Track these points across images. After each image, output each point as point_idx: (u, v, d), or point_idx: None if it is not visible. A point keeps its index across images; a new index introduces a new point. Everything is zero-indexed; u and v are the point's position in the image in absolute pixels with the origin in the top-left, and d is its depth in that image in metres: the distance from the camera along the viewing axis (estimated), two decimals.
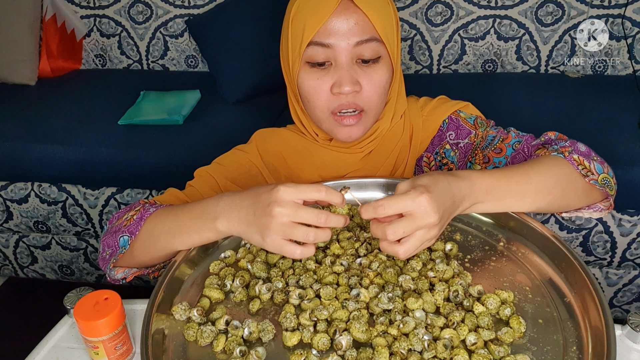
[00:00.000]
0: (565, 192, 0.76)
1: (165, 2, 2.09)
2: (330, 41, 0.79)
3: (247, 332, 0.63)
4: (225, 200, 0.69)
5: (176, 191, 0.90)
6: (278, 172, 0.95)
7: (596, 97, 1.73)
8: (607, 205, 0.80)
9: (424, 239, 0.63)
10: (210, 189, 0.90)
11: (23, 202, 1.80)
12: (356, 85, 0.80)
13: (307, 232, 0.62)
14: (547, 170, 0.75)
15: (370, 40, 0.79)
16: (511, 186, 0.72)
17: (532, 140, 0.87)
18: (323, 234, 0.63)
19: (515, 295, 0.67)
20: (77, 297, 0.69)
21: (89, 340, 0.64)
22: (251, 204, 0.65)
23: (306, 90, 0.84)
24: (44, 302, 1.95)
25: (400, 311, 0.64)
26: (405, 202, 0.61)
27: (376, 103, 0.84)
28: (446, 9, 1.93)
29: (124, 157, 1.65)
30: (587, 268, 0.66)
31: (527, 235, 0.76)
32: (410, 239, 0.62)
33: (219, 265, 0.75)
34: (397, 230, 0.61)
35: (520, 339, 0.61)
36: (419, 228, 0.61)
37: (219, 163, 0.95)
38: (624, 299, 1.66)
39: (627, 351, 0.65)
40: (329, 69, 0.81)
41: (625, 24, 1.81)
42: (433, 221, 0.61)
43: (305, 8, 0.80)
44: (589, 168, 0.77)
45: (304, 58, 0.82)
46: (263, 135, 0.99)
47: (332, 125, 0.85)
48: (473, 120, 0.94)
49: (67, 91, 2.07)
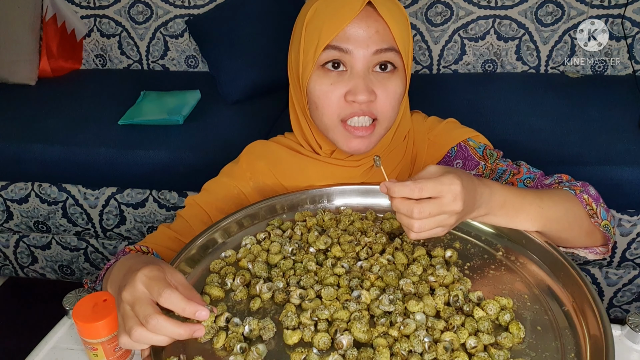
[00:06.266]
0: (571, 226, 0.78)
1: (165, 2, 2.09)
2: (349, 46, 0.77)
3: (248, 329, 0.63)
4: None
5: (166, 229, 0.89)
6: (270, 190, 0.92)
7: (596, 97, 1.73)
8: (604, 250, 0.83)
9: (440, 224, 0.64)
10: (200, 223, 0.89)
11: (23, 202, 1.80)
12: (371, 95, 0.78)
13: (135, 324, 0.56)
14: (559, 201, 0.77)
15: (389, 50, 0.78)
16: (524, 206, 0.73)
17: (543, 179, 0.87)
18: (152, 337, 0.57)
19: (514, 302, 0.67)
20: (76, 298, 0.69)
21: (88, 341, 0.64)
22: (122, 278, 0.63)
23: (317, 95, 0.81)
24: (44, 302, 1.95)
25: (401, 313, 0.64)
26: (442, 186, 0.62)
27: (390, 114, 0.82)
28: (446, 9, 1.92)
29: (124, 157, 1.65)
30: (585, 277, 0.66)
31: (526, 245, 0.76)
32: (429, 219, 0.63)
33: (220, 264, 0.75)
34: (424, 210, 0.62)
35: (519, 344, 0.61)
36: (443, 212, 0.63)
37: (208, 190, 0.93)
38: (624, 299, 1.66)
39: (626, 351, 0.65)
40: (344, 75, 0.79)
41: (625, 24, 1.81)
42: (457, 209, 0.63)
43: (324, 11, 0.78)
44: (595, 210, 0.79)
45: (319, 62, 0.79)
46: (253, 153, 0.96)
47: (341, 134, 0.82)
48: (482, 151, 0.92)
49: (67, 91, 2.07)
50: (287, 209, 0.87)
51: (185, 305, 0.56)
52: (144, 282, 0.57)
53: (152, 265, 0.60)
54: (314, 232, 0.79)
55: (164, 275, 0.59)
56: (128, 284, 0.58)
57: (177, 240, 0.88)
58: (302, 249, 0.77)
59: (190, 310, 0.56)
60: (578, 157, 1.45)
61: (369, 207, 0.86)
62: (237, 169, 0.94)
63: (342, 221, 0.82)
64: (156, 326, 0.55)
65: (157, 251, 0.85)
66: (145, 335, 0.56)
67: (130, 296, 0.57)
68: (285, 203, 0.87)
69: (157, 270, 0.59)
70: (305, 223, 0.82)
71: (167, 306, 0.56)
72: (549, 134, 1.55)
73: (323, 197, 0.88)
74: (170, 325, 0.56)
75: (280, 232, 0.81)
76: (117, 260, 0.75)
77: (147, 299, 0.57)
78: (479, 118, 1.59)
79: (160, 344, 0.57)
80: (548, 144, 1.50)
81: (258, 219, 0.85)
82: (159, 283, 0.57)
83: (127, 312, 0.57)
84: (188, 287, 0.60)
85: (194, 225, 0.89)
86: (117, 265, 0.68)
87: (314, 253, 0.76)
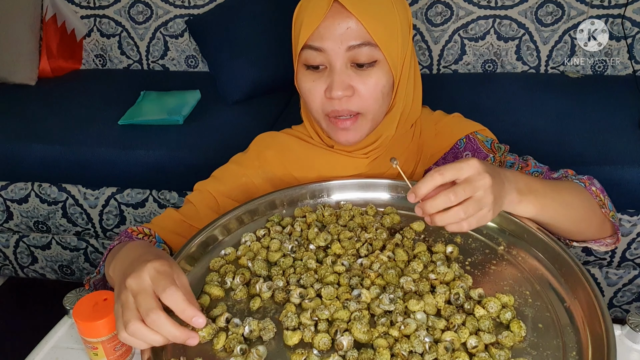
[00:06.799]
0: (588, 215, 0.79)
1: (165, 2, 2.10)
2: (323, 45, 0.79)
3: (248, 330, 0.63)
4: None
5: (173, 212, 0.91)
6: (279, 180, 0.94)
7: (596, 97, 1.73)
8: (612, 241, 0.84)
9: (481, 202, 0.63)
10: (208, 209, 0.91)
11: (23, 202, 1.80)
12: (347, 90, 0.80)
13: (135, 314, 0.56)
14: (574, 192, 0.79)
15: (363, 45, 0.79)
16: (547, 194, 0.74)
17: (550, 173, 0.89)
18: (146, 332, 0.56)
19: (516, 299, 0.67)
20: (76, 297, 0.69)
21: (88, 341, 0.64)
22: (129, 264, 0.62)
23: (303, 92, 0.85)
24: (44, 302, 1.95)
25: (401, 313, 0.64)
26: (459, 164, 0.62)
27: (373, 107, 0.83)
28: (446, 9, 1.93)
29: (124, 157, 1.65)
30: (587, 273, 0.66)
31: (528, 240, 0.76)
32: (469, 203, 0.62)
33: (220, 262, 0.75)
34: (458, 191, 0.61)
35: (520, 343, 0.61)
36: (476, 189, 0.62)
37: (217, 177, 0.95)
38: (624, 298, 1.66)
39: (626, 351, 0.65)
40: (324, 72, 0.82)
41: (625, 24, 1.81)
42: (488, 182, 0.62)
43: (304, 12, 0.81)
44: (604, 201, 0.81)
45: (301, 60, 0.83)
46: (262, 143, 0.98)
47: (329, 127, 0.86)
48: (490, 144, 0.94)
49: (67, 91, 2.07)
50: (287, 204, 0.87)
51: (186, 307, 0.56)
52: (152, 274, 0.57)
53: (163, 260, 0.60)
54: (314, 229, 0.79)
55: (172, 273, 0.59)
56: (135, 271, 0.58)
57: (183, 223, 0.89)
58: (302, 246, 0.77)
59: (189, 313, 0.56)
60: (578, 157, 1.45)
61: (369, 202, 0.86)
62: (246, 157, 0.97)
63: (342, 216, 0.82)
64: (155, 321, 0.55)
65: (161, 235, 0.87)
66: (142, 330, 0.55)
67: (136, 285, 0.57)
68: (284, 198, 0.87)
69: (167, 267, 0.59)
70: (305, 219, 0.82)
71: (169, 303, 0.56)
72: (549, 134, 1.55)
73: (323, 191, 0.88)
74: (169, 324, 0.56)
75: (280, 228, 0.81)
76: (121, 243, 0.75)
77: (152, 291, 0.57)
78: (479, 118, 1.58)
79: (153, 344, 0.57)
80: (548, 144, 1.50)
81: (258, 215, 0.85)
82: (167, 279, 0.57)
83: (128, 302, 0.57)
84: (190, 293, 0.60)
85: (201, 210, 0.90)
86: (125, 250, 0.68)
87: (314, 250, 0.76)
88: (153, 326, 0.55)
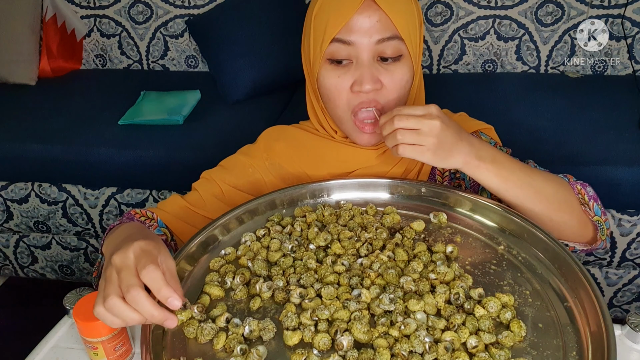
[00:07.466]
0: (561, 207, 0.80)
1: (165, 2, 2.10)
2: (352, 38, 0.80)
3: (248, 330, 0.63)
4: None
5: (178, 198, 0.91)
6: (286, 172, 0.94)
7: (596, 97, 1.73)
8: (593, 245, 0.85)
9: (421, 138, 0.71)
10: (214, 197, 0.91)
11: (23, 202, 1.80)
12: (377, 83, 0.81)
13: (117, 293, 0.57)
14: (551, 180, 0.80)
15: (392, 39, 0.80)
16: (515, 171, 0.76)
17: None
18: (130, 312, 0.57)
19: (516, 299, 0.66)
20: (76, 297, 0.69)
21: (88, 340, 0.64)
22: (119, 242, 0.63)
23: (327, 89, 0.84)
24: (44, 302, 1.95)
25: (401, 312, 0.64)
26: (417, 106, 0.72)
27: (395, 102, 0.84)
28: (446, 9, 1.93)
29: (124, 157, 1.65)
30: (588, 273, 0.66)
31: (528, 239, 0.76)
32: (409, 132, 0.71)
33: (219, 262, 0.75)
34: (402, 118, 0.71)
35: (520, 342, 0.61)
36: (422, 125, 0.70)
37: (223, 166, 0.95)
38: (624, 298, 1.66)
39: (626, 351, 0.65)
40: (350, 67, 0.82)
41: (625, 24, 1.81)
42: (437, 125, 0.70)
43: (329, 6, 0.81)
44: (586, 201, 0.82)
45: (326, 55, 0.82)
46: (271, 135, 0.98)
47: (352, 129, 0.86)
48: (493, 145, 0.93)
49: (67, 91, 2.07)
50: (287, 204, 0.87)
51: (162, 287, 0.56)
52: (136, 252, 0.58)
53: (150, 240, 0.60)
54: (314, 228, 0.79)
55: (157, 254, 0.59)
56: (121, 249, 0.59)
57: (188, 210, 0.90)
58: (302, 246, 0.76)
59: (165, 293, 0.56)
60: (578, 157, 1.45)
61: (369, 201, 0.86)
62: (254, 149, 0.97)
63: (342, 216, 0.82)
64: (135, 298, 0.55)
65: (164, 219, 0.88)
66: (119, 306, 0.56)
67: (120, 262, 0.58)
68: (285, 198, 0.87)
69: (153, 247, 0.59)
70: (305, 219, 0.82)
71: (146, 281, 0.56)
72: (549, 134, 1.55)
73: (323, 191, 0.88)
74: (148, 303, 0.56)
75: (280, 228, 0.81)
76: (121, 224, 0.76)
77: (134, 269, 0.57)
78: (479, 118, 1.57)
79: (129, 322, 0.57)
80: (548, 144, 1.50)
81: (258, 214, 0.85)
82: (149, 258, 0.58)
83: (111, 277, 0.58)
84: (174, 277, 0.60)
85: (206, 198, 0.91)
86: (119, 230, 0.69)
87: (314, 250, 0.76)
88: (132, 303, 0.56)
